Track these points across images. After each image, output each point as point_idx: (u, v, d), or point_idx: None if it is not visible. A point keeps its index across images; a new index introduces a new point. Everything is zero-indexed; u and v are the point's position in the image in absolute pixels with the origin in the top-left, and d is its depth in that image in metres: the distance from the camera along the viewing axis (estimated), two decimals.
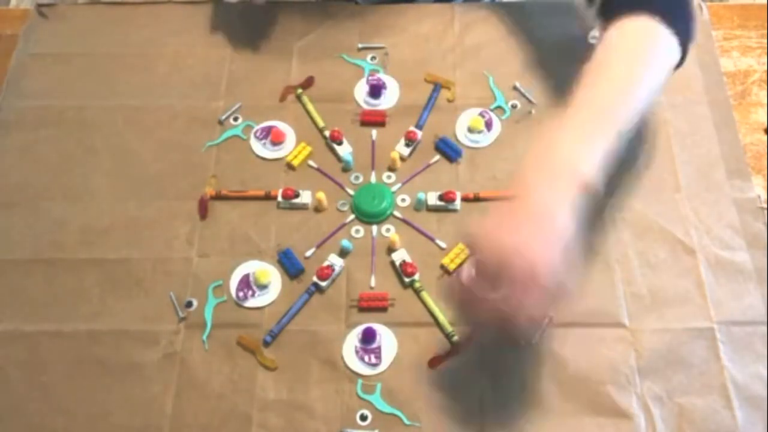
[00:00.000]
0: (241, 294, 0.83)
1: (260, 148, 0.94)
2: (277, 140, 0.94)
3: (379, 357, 0.79)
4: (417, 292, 0.83)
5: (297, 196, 0.89)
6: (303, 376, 0.79)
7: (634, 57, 0.75)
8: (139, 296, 0.84)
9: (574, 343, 0.80)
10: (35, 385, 0.79)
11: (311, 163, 0.93)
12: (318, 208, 0.89)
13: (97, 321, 0.82)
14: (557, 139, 0.68)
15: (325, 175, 0.92)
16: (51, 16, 1.07)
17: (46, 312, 0.83)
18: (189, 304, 0.83)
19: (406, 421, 0.76)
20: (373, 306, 0.82)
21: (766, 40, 1.03)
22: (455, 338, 0.80)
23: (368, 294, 0.83)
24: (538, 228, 0.62)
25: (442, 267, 0.85)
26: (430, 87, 0.98)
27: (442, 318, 0.81)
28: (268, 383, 0.79)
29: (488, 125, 0.94)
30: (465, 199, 0.89)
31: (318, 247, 0.87)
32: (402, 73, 0.99)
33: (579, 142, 0.67)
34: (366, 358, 0.79)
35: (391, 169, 0.92)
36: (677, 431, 0.75)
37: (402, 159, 0.93)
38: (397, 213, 0.89)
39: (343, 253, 0.86)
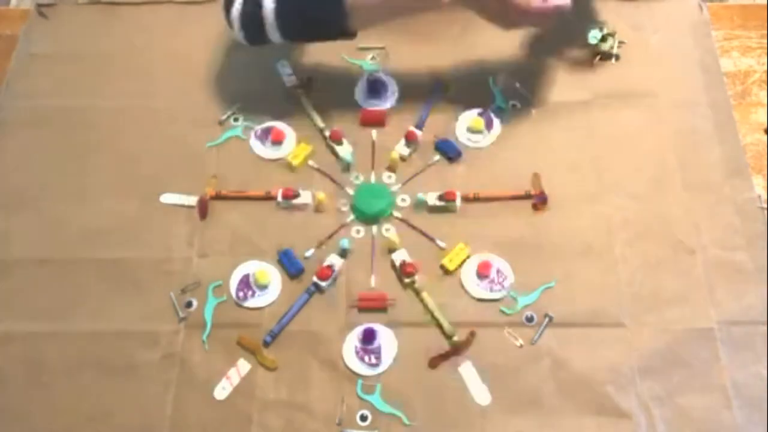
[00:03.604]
0: (241, 294, 0.83)
1: (260, 148, 0.94)
2: (277, 140, 0.94)
3: (379, 357, 0.79)
4: (417, 292, 0.83)
5: (297, 196, 0.89)
6: (303, 376, 0.79)
7: None
8: (139, 296, 0.84)
9: (574, 343, 0.80)
10: (35, 385, 0.79)
11: (311, 163, 0.93)
12: (318, 208, 0.89)
13: (97, 321, 0.83)
14: None
15: (325, 175, 0.92)
16: (51, 16, 1.07)
17: (46, 312, 0.83)
18: (189, 304, 0.83)
19: (406, 421, 0.76)
20: (373, 306, 0.82)
21: (766, 40, 1.03)
22: (455, 338, 0.80)
23: (368, 294, 0.83)
24: None
25: (442, 267, 0.85)
26: (430, 87, 0.98)
27: (442, 318, 0.81)
28: (268, 383, 0.79)
29: (488, 125, 0.94)
30: (465, 199, 0.89)
31: (318, 247, 0.87)
32: (402, 73, 0.99)
33: None
34: (366, 358, 0.79)
35: (391, 169, 0.92)
36: (677, 431, 0.75)
37: (402, 159, 0.93)
38: (397, 213, 0.89)
39: (343, 253, 0.86)
